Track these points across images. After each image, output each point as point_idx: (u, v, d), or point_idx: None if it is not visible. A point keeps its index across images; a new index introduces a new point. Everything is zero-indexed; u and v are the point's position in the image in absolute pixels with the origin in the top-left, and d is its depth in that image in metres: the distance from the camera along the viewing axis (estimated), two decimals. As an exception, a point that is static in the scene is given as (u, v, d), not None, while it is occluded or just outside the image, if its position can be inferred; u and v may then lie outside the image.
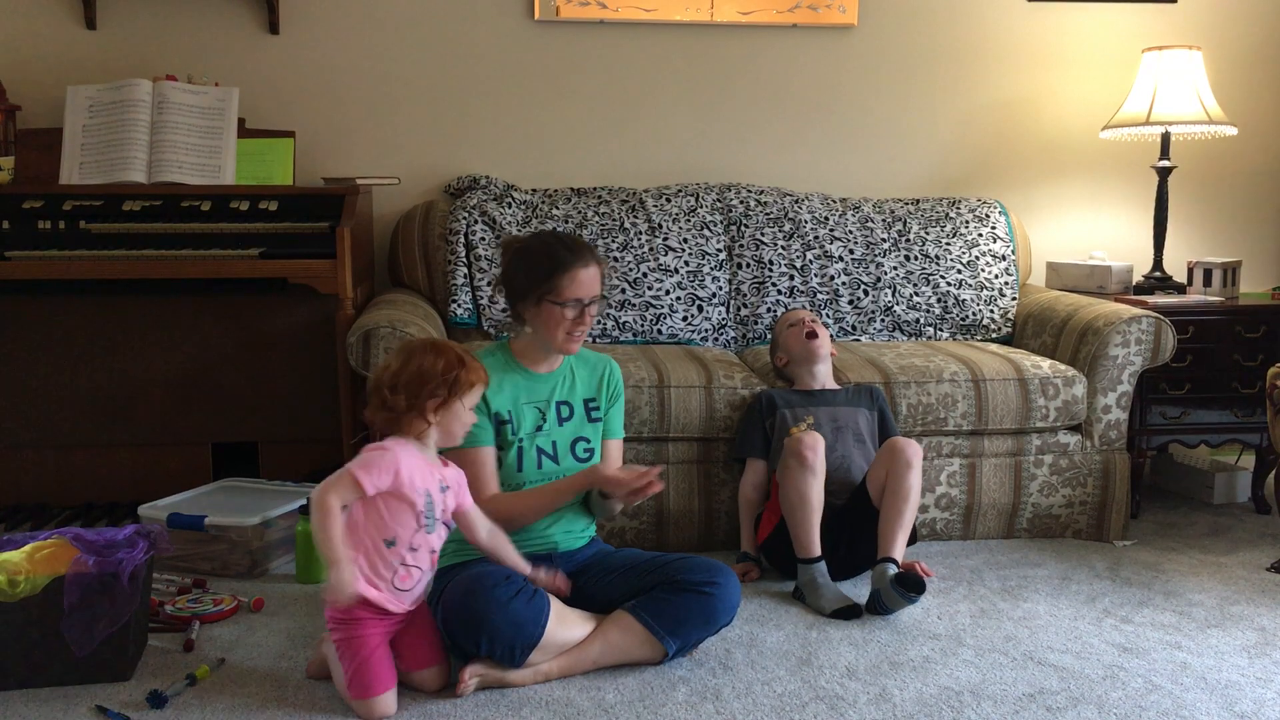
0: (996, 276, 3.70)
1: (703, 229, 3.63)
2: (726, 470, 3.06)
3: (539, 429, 2.44)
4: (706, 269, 3.59)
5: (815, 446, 2.70)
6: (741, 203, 3.70)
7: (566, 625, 2.26)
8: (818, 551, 2.70)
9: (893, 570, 2.59)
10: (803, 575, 2.70)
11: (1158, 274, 3.77)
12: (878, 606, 2.59)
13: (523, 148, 3.83)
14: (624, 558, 2.46)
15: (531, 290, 2.40)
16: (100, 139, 3.33)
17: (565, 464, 2.46)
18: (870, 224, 3.72)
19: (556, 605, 2.25)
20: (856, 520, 2.77)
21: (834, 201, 3.78)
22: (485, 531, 2.26)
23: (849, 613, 2.59)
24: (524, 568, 2.28)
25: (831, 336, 3.32)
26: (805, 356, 2.99)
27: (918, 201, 3.83)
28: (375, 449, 2.13)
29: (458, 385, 2.16)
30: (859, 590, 2.73)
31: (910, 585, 2.53)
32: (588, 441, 2.51)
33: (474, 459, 2.37)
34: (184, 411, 3.45)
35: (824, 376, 3.00)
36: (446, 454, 2.31)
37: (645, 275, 3.54)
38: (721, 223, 3.67)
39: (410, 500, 2.12)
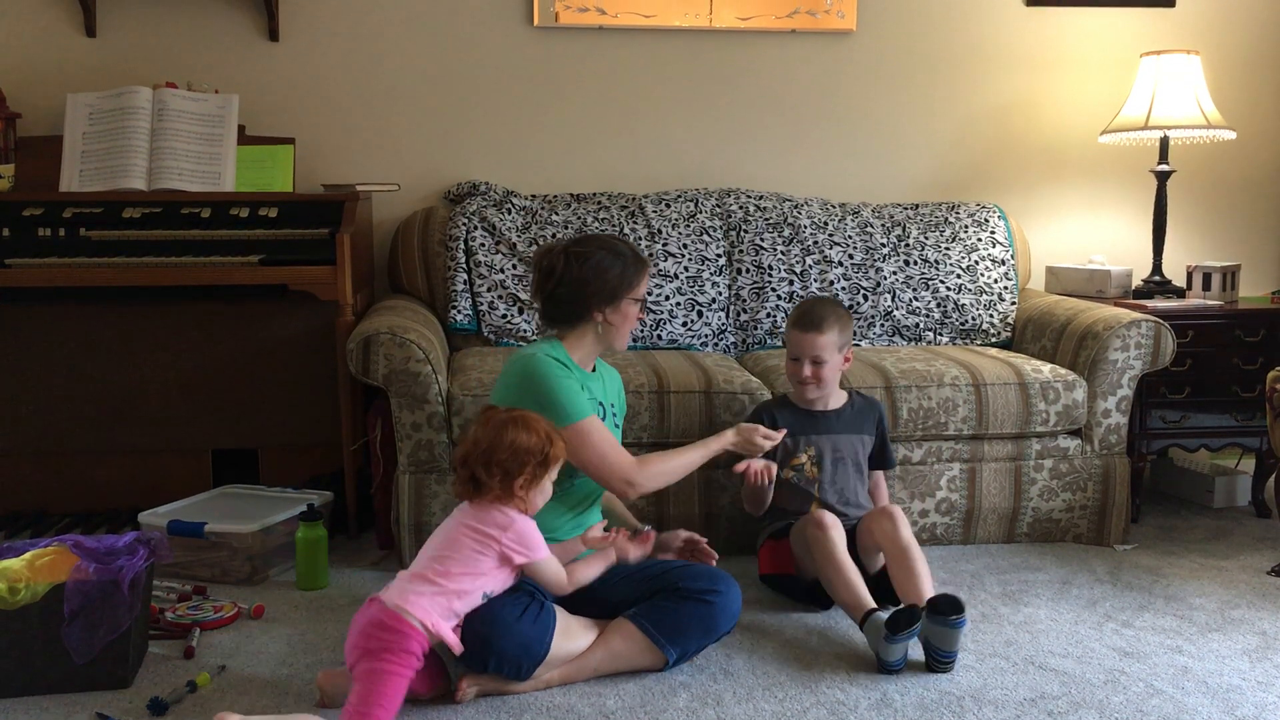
0: (996, 281, 3.70)
1: (702, 234, 3.63)
2: (726, 476, 3.05)
3: None
4: (706, 274, 3.59)
5: (835, 523, 2.59)
6: (741, 208, 3.70)
7: (570, 637, 2.26)
8: (871, 603, 2.46)
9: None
10: (869, 634, 2.40)
11: (1157, 278, 3.77)
12: (937, 658, 2.34)
13: (522, 154, 3.83)
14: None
15: (622, 289, 2.47)
16: (100, 146, 3.34)
17: None
18: (869, 229, 3.72)
19: (561, 618, 2.25)
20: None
21: (833, 206, 3.78)
22: None
23: (907, 619, 2.31)
24: (598, 560, 2.31)
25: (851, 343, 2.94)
26: (795, 392, 2.86)
27: (917, 206, 3.83)
28: (521, 524, 2.15)
29: (548, 462, 2.19)
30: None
31: (947, 609, 2.30)
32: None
33: (594, 427, 2.39)
34: (184, 418, 3.44)
35: (827, 399, 2.85)
36: (567, 429, 2.33)
37: (645, 281, 3.54)
38: (721, 228, 3.67)
39: (517, 573, 2.19)
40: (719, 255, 3.63)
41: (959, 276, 3.68)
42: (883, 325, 3.64)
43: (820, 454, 2.81)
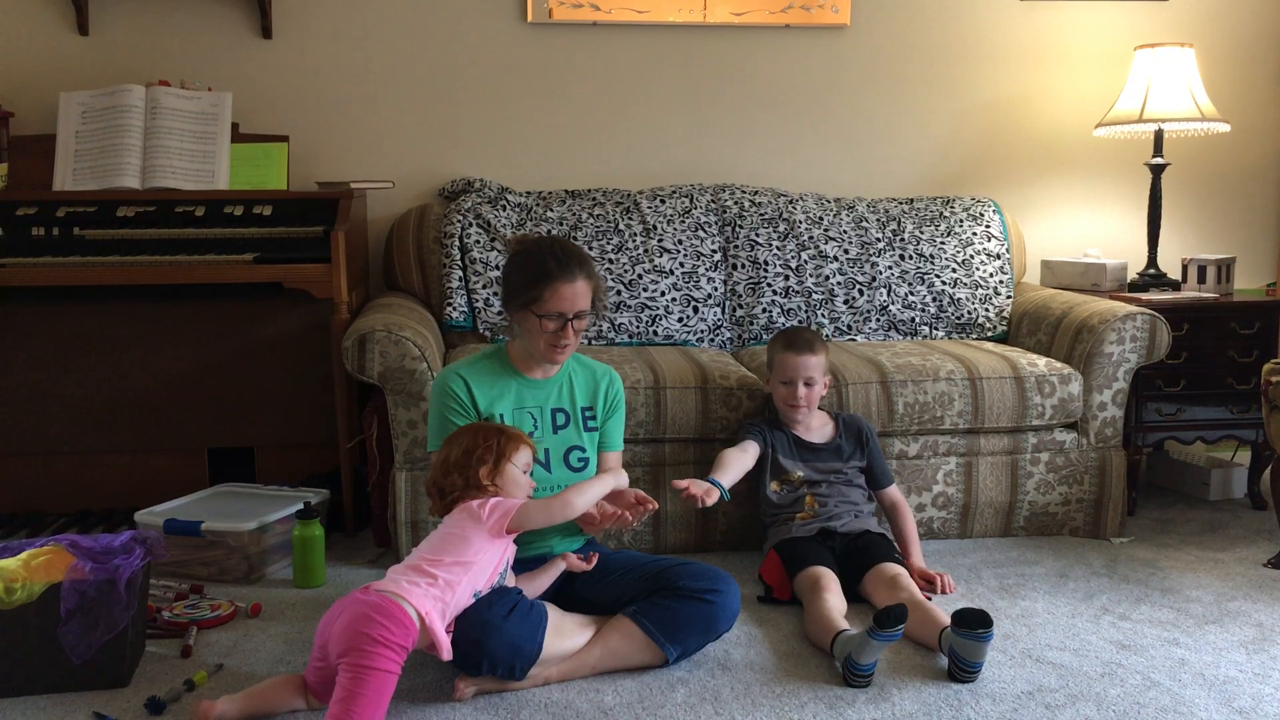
0: (991, 275, 3.70)
1: (697, 230, 3.63)
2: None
3: (530, 435, 2.42)
4: (701, 270, 3.59)
5: (830, 585, 2.55)
6: (736, 204, 3.70)
7: (564, 636, 2.25)
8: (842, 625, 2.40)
9: (948, 629, 2.32)
10: (839, 647, 2.32)
11: (1152, 271, 3.78)
12: (963, 668, 2.27)
13: (517, 150, 3.83)
14: (622, 559, 2.46)
15: (516, 295, 2.40)
16: (94, 145, 3.33)
17: (557, 473, 2.45)
18: (865, 224, 3.72)
19: (554, 617, 2.24)
20: (860, 554, 2.71)
21: (828, 201, 3.78)
22: None
23: (896, 616, 2.21)
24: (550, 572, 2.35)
25: (833, 340, 3.10)
26: (784, 416, 2.88)
27: (912, 201, 3.84)
28: (494, 499, 2.21)
29: (503, 449, 2.24)
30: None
31: (975, 622, 2.23)
32: (582, 451, 2.50)
33: None
34: (180, 417, 3.44)
35: (813, 430, 2.90)
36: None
37: (640, 277, 3.54)
38: (716, 224, 3.67)
39: (504, 559, 2.21)
40: (714, 251, 3.63)
41: (954, 271, 3.68)
42: (878, 320, 3.64)
43: (809, 477, 2.83)
